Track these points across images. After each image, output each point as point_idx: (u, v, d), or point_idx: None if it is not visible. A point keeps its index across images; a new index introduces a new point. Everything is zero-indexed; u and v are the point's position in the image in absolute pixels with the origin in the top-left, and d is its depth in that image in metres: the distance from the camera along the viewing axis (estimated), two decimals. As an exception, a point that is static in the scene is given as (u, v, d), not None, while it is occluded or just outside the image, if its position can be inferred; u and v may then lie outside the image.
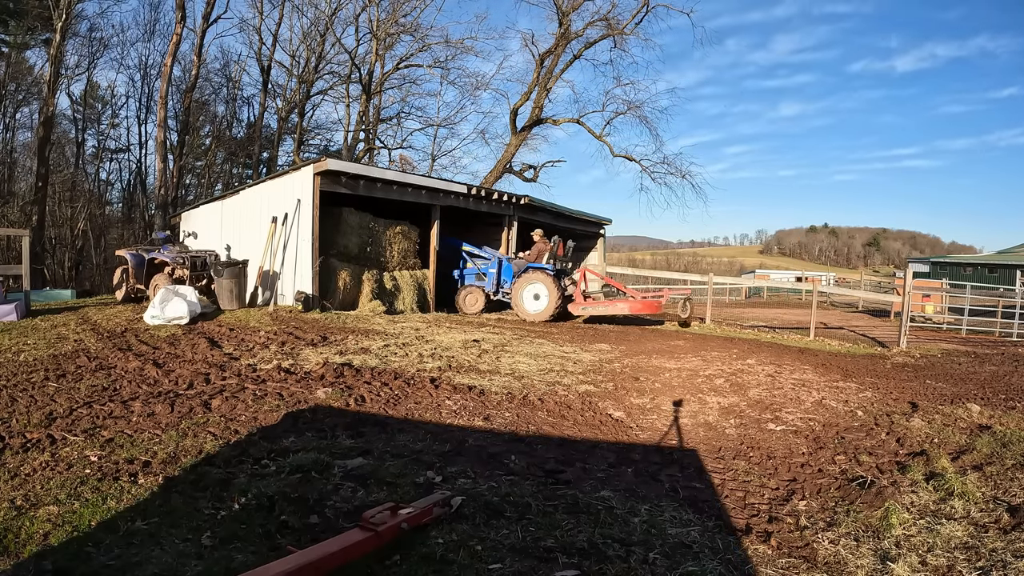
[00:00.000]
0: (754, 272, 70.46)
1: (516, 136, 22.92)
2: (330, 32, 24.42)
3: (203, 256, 10.57)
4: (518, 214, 14.55)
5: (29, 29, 22.90)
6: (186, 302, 8.10)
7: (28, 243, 9.27)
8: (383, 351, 6.79)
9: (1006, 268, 37.21)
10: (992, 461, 3.69)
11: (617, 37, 21.38)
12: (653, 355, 7.74)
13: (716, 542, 2.58)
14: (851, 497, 3.24)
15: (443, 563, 2.28)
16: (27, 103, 25.55)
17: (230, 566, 2.21)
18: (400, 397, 4.92)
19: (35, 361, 5.59)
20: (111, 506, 2.68)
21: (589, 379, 6.08)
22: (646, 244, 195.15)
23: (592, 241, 18.78)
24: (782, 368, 7.16)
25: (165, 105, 20.31)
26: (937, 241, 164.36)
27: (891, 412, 5.15)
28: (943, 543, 2.57)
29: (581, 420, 4.69)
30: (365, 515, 2.35)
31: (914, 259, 58.69)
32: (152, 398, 4.45)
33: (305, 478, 3.07)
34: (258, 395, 4.66)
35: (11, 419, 3.83)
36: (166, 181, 19.84)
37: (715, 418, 4.96)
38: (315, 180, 10.19)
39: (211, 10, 21.21)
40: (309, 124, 28.67)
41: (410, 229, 12.48)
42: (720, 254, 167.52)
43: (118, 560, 2.23)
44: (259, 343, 6.89)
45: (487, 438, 4.03)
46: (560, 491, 3.08)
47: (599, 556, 2.39)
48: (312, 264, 10.25)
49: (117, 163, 30.00)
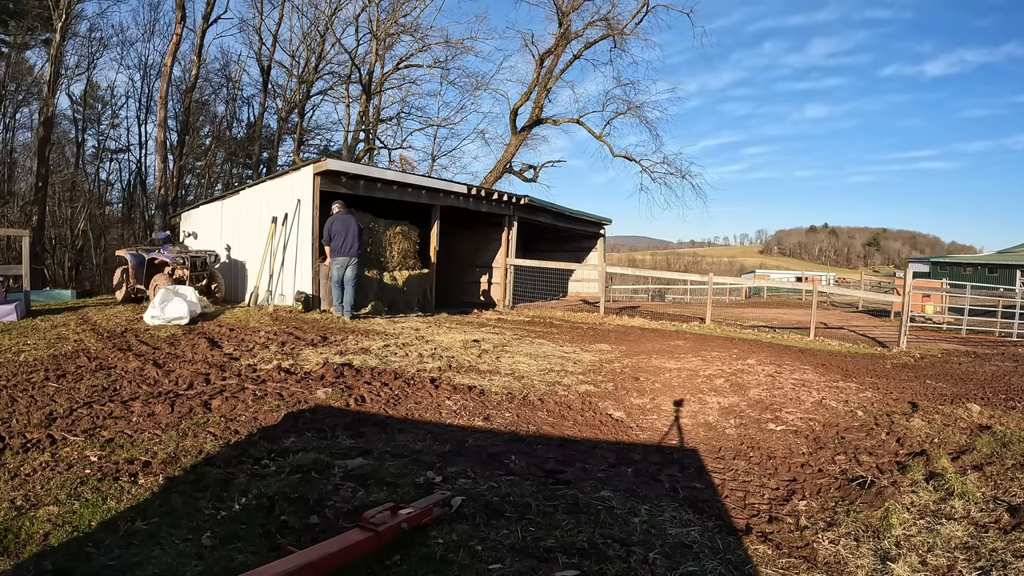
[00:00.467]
0: (754, 272, 70.49)
1: (516, 136, 22.93)
2: (330, 32, 24.45)
3: (203, 256, 10.57)
4: (518, 214, 14.56)
5: (29, 29, 22.91)
6: (186, 302, 8.10)
7: (28, 243, 9.27)
8: (383, 351, 6.79)
9: (1006, 268, 37.24)
10: (992, 461, 3.69)
11: (617, 37, 21.40)
12: (653, 355, 7.74)
13: (716, 542, 2.58)
14: (851, 497, 3.24)
15: (443, 563, 2.28)
16: (27, 103, 25.60)
17: (230, 566, 2.21)
18: (400, 397, 4.92)
19: (35, 361, 5.59)
20: (111, 506, 2.68)
21: (589, 379, 6.08)
22: (646, 244, 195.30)
23: (592, 241, 18.79)
24: (782, 368, 7.16)
25: (165, 105, 20.32)
26: (937, 241, 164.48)
27: (891, 412, 5.15)
28: (943, 543, 2.57)
29: (581, 420, 4.69)
30: (365, 515, 2.35)
31: (914, 259, 58.72)
32: (152, 398, 4.45)
33: (305, 478, 3.07)
34: (258, 395, 4.66)
35: (11, 419, 3.83)
36: (166, 181, 19.85)
37: (715, 418, 4.96)
38: (315, 180, 10.19)
39: (211, 10, 21.23)
40: (309, 124, 28.70)
41: (410, 229, 12.48)
42: (720, 254, 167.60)
43: (118, 560, 2.23)
44: (259, 343, 6.89)
45: (487, 438, 4.02)
46: (560, 491, 3.08)
47: (599, 556, 2.39)
48: (312, 264, 10.25)
49: (117, 163, 30.06)
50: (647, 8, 20.80)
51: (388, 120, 27.31)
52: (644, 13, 20.95)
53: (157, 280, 9.96)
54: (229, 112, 30.06)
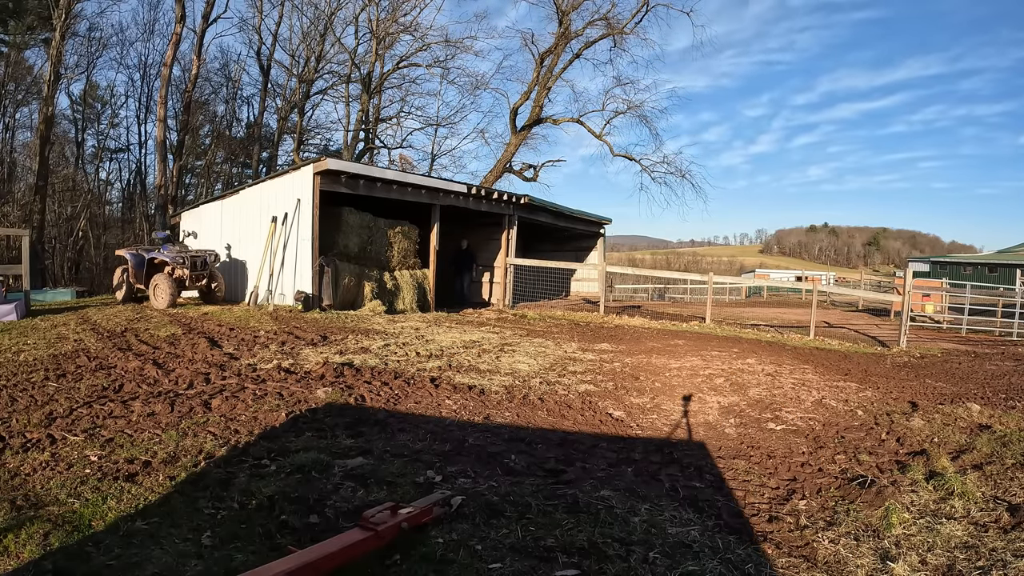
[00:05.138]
0: (754, 271, 70.48)
1: (516, 136, 22.92)
2: (330, 31, 24.45)
3: (203, 255, 10.57)
4: (518, 214, 14.55)
5: (29, 29, 22.90)
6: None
7: (28, 243, 9.27)
8: (383, 351, 6.79)
9: (1006, 267, 37.27)
10: (992, 460, 3.69)
11: (617, 36, 21.39)
12: (653, 354, 7.74)
13: (716, 541, 2.58)
14: (851, 496, 3.24)
15: (443, 563, 2.28)
16: (27, 103, 25.57)
17: (230, 566, 2.21)
18: (400, 396, 4.92)
19: (35, 361, 5.59)
20: (111, 506, 2.68)
21: (589, 378, 6.08)
22: (646, 243, 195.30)
23: (592, 241, 18.78)
24: (782, 367, 7.16)
25: (165, 104, 20.33)
26: (937, 240, 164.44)
27: (891, 411, 5.15)
28: (943, 542, 2.57)
29: (581, 419, 4.69)
30: (365, 515, 2.35)
31: (914, 258, 58.76)
32: (152, 398, 4.45)
33: (305, 478, 3.07)
34: (258, 395, 4.66)
35: (11, 419, 3.83)
36: (166, 181, 19.85)
37: (715, 417, 4.96)
38: (315, 180, 10.19)
39: (211, 9, 21.24)
40: (309, 124, 28.69)
41: (410, 229, 12.48)
42: (720, 253, 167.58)
43: (118, 560, 2.23)
44: (259, 343, 6.89)
45: (487, 437, 4.02)
46: (560, 491, 3.08)
47: (599, 555, 2.39)
48: (312, 264, 10.25)
49: (117, 163, 30.04)
50: (647, 7, 20.81)
51: (388, 119, 27.32)
52: (644, 12, 20.95)
53: (157, 280, 9.96)
54: (229, 112, 30.06)
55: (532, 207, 14.92)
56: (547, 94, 22.55)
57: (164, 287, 9.81)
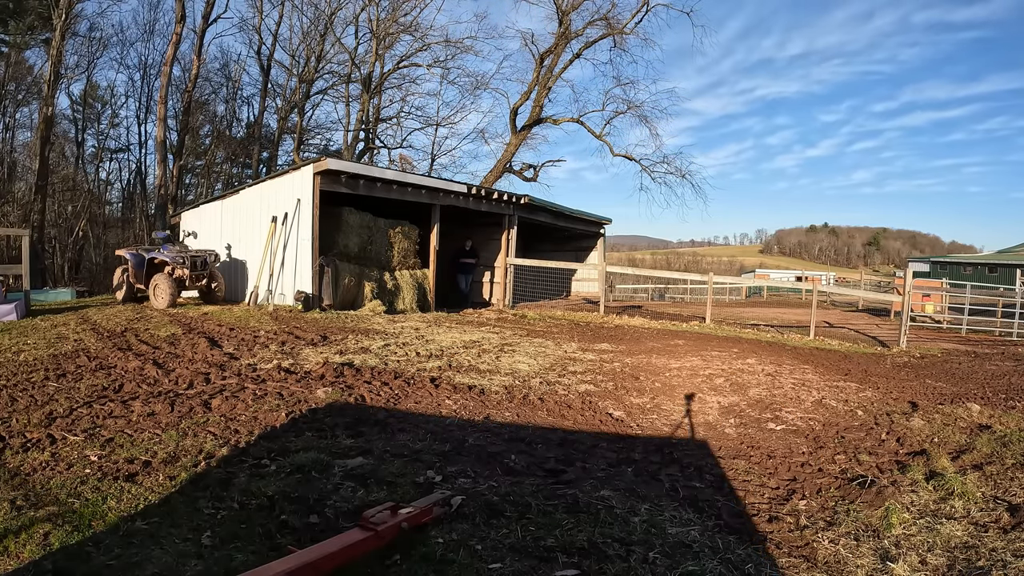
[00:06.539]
0: (754, 272, 70.46)
1: (516, 136, 22.92)
2: (330, 31, 24.43)
3: (203, 255, 10.57)
4: (518, 214, 14.55)
5: (29, 29, 22.90)
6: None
7: (28, 243, 9.28)
8: (383, 351, 6.79)
9: (1006, 267, 37.27)
10: (992, 460, 3.69)
11: (617, 36, 21.38)
12: (653, 354, 7.74)
13: (716, 541, 2.58)
14: (851, 496, 3.24)
15: (443, 563, 2.28)
16: (27, 103, 25.56)
17: (230, 566, 2.21)
18: (400, 396, 4.92)
19: (35, 361, 5.59)
20: (111, 506, 2.68)
21: (589, 378, 6.08)
22: (646, 244, 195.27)
23: (592, 240, 18.78)
24: (782, 367, 7.16)
25: (165, 104, 20.33)
26: (937, 240, 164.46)
27: (891, 411, 5.15)
28: (943, 543, 2.57)
29: (581, 419, 4.69)
30: (365, 515, 2.35)
31: (914, 258, 58.75)
32: (152, 398, 4.45)
33: (305, 478, 3.07)
34: (258, 395, 4.66)
35: (11, 419, 3.83)
36: (166, 181, 19.85)
37: (715, 417, 4.96)
38: (315, 180, 10.19)
39: (211, 10, 21.24)
40: (309, 124, 28.68)
41: (410, 229, 12.48)
42: (720, 254, 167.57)
43: (118, 560, 2.23)
44: (259, 343, 6.89)
45: (487, 437, 4.02)
46: (560, 491, 3.08)
47: (599, 555, 2.39)
48: (312, 264, 10.25)
49: (117, 163, 30.03)
50: (647, 7, 20.80)
51: (388, 119, 27.31)
52: (644, 12, 20.95)
53: (157, 280, 9.96)
54: (229, 112, 30.04)
55: (532, 207, 14.92)
56: (547, 94, 22.56)
57: (164, 287, 9.81)
